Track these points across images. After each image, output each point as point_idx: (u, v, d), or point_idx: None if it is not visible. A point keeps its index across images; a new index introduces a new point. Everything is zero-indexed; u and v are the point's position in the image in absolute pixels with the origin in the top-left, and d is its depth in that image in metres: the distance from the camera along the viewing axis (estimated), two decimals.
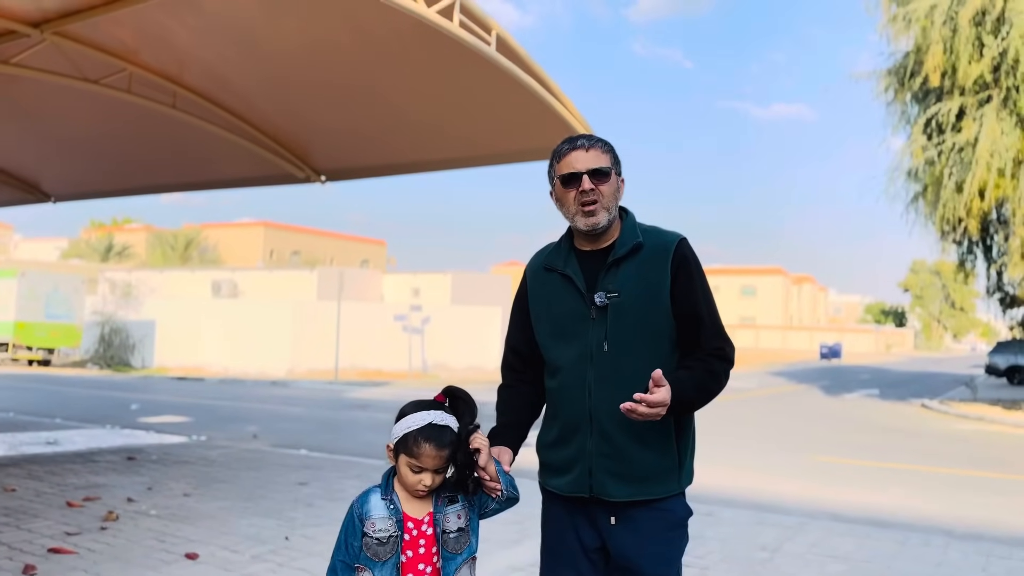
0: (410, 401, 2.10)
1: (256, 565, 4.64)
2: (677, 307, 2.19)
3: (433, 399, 2.07)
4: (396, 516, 2.02)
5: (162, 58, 8.14)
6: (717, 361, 2.20)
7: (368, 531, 2.01)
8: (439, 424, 1.99)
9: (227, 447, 9.46)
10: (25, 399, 15.77)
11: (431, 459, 1.98)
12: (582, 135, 2.28)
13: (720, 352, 2.21)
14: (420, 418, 2.00)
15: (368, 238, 74.56)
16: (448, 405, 2.07)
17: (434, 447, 1.98)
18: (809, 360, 56.18)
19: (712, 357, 2.19)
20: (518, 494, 2.12)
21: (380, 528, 2.00)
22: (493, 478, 2.04)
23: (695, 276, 2.23)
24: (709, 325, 2.22)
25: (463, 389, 2.09)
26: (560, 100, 7.43)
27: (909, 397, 22.92)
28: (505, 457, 2.18)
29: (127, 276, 33.96)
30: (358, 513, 2.04)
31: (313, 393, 20.61)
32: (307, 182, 10.39)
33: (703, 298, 2.23)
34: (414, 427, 1.99)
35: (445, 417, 2.02)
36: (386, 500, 2.04)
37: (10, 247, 77.93)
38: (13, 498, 6.20)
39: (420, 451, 1.98)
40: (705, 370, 2.17)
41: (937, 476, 9.49)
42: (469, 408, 2.05)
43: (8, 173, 12.35)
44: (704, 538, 5.47)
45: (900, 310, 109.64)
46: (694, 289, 2.21)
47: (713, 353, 2.20)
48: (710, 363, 2.18)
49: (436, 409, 2.04)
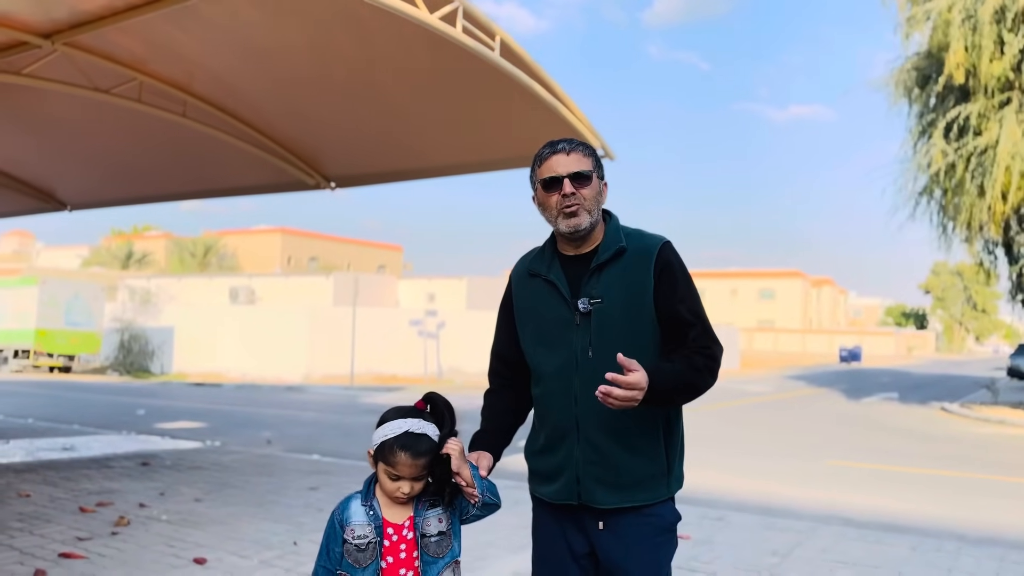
0: (391, 408, 2.08)
1: (264, 570, 4.66)
2: (661, 310, 2.16)
3: (413, 406, 2.06)
4: (375, 522, 2.01)
5: (171, 67, 8.22)
6: (700, 357, 2.14)
7: (348, 537, 2.00)
8: (416, 432, 1.98)
9: (241, 452, 9.52)
10: (44, 405, 15.94)
11: (407, 467, 1.97)
12: (563, 139, 2.25)
13: (705, 349, 2.16)
14: (397, 426, 1.99)
15: (384, 244, 74.90)
16: (429, 411, 2.05)
17: (410, 456, 1.96)
18: (828, 363, 55.75)
19: (695, 353, 2.15)
20: (498, 500, 2.10)
21: (359, 535, 1.99)
22: (469, 483, 2.02)
23: (678, 278, 2.20)
24: (695, 325, 2.18)
25: (443, 396, 2.07)
26: (566, 104, 7.44)
27: (929, 400, 22.68)
28: (484, 462, 2.16)
29: (146, 283, 34.34)
30: (338, 519, 2.04)
31: (328, 398, 20.70)
32: (317, 188, 10.45)
33: (688, 300, 2.19)
34: (391, 435, 1.98)
35: (423, 425, 2.00)
36: (366, 506, 2.03)
37: (32, 255, 78.95)
38: (28, 503, 6.27)
39: (396, 459, 1.97)
40: (686, 364, 2.12)
41: (952, 480, 9.38)
42: (449, 415, 2.04)
43: (23, 182, 12.51)
44: (714, 543, 5.44)
45: (921, 312, 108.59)
46: (677, 291, 2.18)
47: (697, 350, 2.15)
48: (692, 358, 2.13)
49: (415, 417, 2.02)
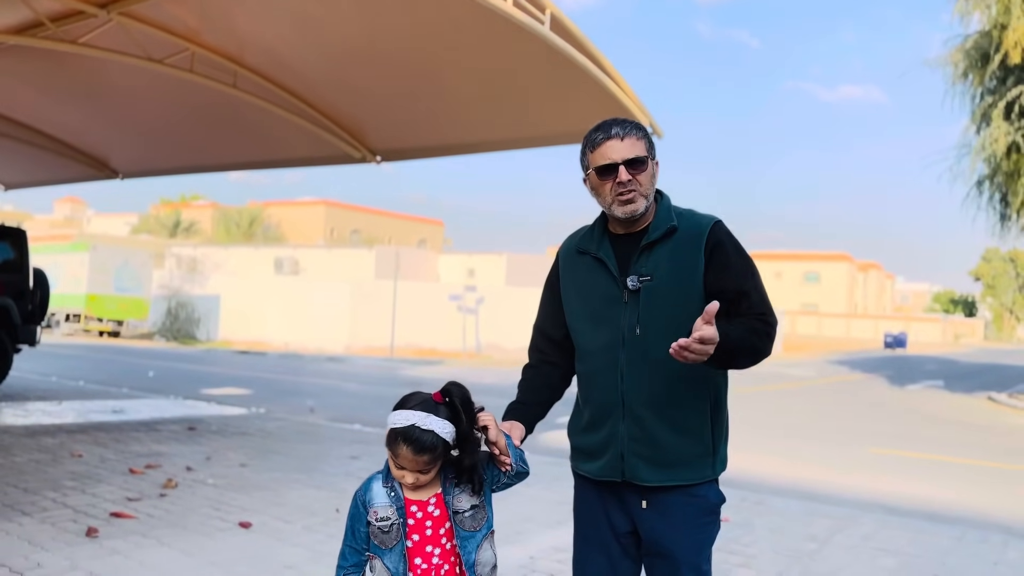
0: (409, 392, 2.04)
1: (307, 535, 4.75)
2: (715, 285, 2.12)
3: (431, 396, 1.99)
4: (398, 503, 1.99)
5: (223, 39, 8.30)
6: (759, 323, 2.11)
7: (371, 519, 2.00)
8: (422, 427, 1.92)
9: (284, 420, 9.70)
10: (95, 369, 16.39)
11: (408, 461, 1.93)
12: (615, 121, 2.20)
13: (763, 316, 2.13)
14: (404, 417, 1.93)
15: (426, 218, 75.31)
16: (447, 403, 1.97)
17: (411, 450, 1.91)
18: (873, 349, 54.80)
19: (754, 319, 2.12)
20: (528, 468, 2.10)
21: (382, 516, 1.98)
22: (503, 452, 2.02)
23: (731, 255, 2.16)
24: (750, 295, 2.14)
25: (463, 389, 1.99)
26: (615, 80, 7.35)
27: (976, 389, 22.18)
28: (516, 432, 2.16)
29: (193, 252, 34.99)
30: (361, 500, 2.03)
31: (369, 369, 20.96)
32: (363, 162, 10.51)
33: (743, 272, 2.16)
34: (397, 425, 1.94)
35: (431, 421, 1.93)
36: (387, 487, 2.01)
37: (83, 221, 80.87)
38: (80, 463, 6.48)
39: (398, 450, 1.94)
40: (748, 327, 2.09)
41: (999, 472, 9.18)
42: (466, 413, 1.96)
43: (78, 150, 12.78)
44: (753, 526, 5.41)
45: (970, 299, 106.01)
46: (730, 266, 2.14)
47: (756, 316, 2.12)
48: (752, 323, 2.10)
49: (428, 410, 1.95)
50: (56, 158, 12.91)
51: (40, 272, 11.36)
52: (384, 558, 1.99)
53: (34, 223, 60.49)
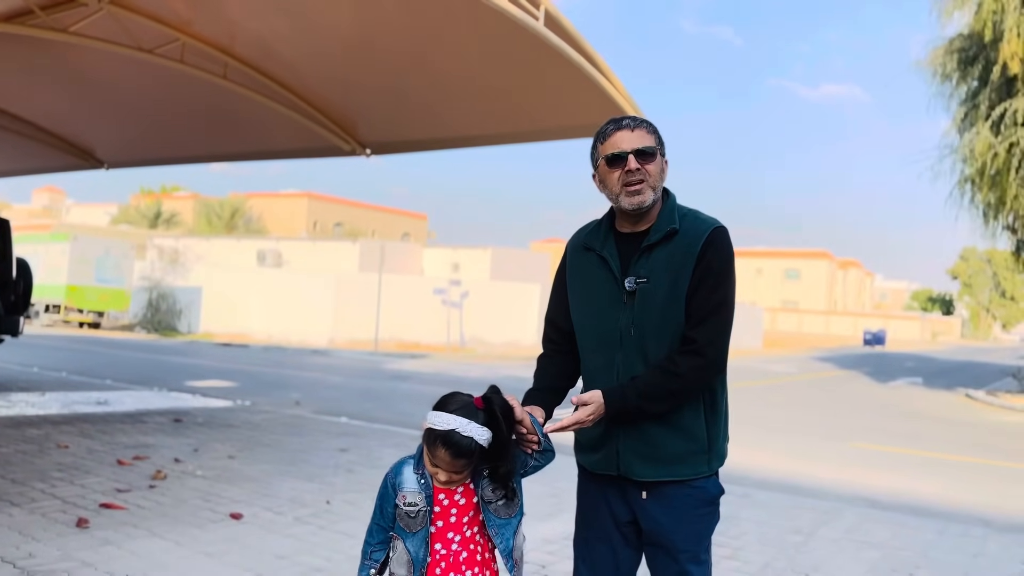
0: (452, 392, 2.07)
1: (299, 527, 4.77)
2: (688, 297, 2.14)
3: (472, 401, 2.02)
4: (427, 491, 2.04)
5: (214, 29, 8.26)
6: (689, 357, 2.11)
7: (399, 503, 2.05)
8: (462, 433, 1.96)
9: (270, 412, 9.68)
10: (77, 360, 16.26)
11: (445, 463, 1.98)
12: (627, 115, 2.27)
13: (697, 347, 2.12)
14: (445, 421, 1.97)
15: (409, 211, 75.10)
16: (484, 409, 2.01)
17: (450, 454, 1.97)
18: (853, 346, 55.33)
19: (685, 354, 2.12)
20: (553, 447, 2.16)
21: (411, 501, 2.03)
22: (530, 430, 2.08)
23: (714, 267, 2.15)
24: (705, 318, 2.14)
25: (504, 399, 2.03)
26: (608, 78, 7.39)
27: (954, 386, 22.48)
28: (537, 413, 2.21)
29: (175, 243, 34.67)
30: (392, 482, 2.08)
31: (353, 363, 20.91)
32: (352, 155, 10.49)
33: (713, 289, 2.15)
34: (437, 427, 1.98)
35: (472, 428, 1.97)
36: (418, 474, 2.06)
37: (62, 211, 79.91)
38: (67, 455, 6.44)
39: (436, 452, 1.99)
40: (660, 374, 2.11)
41: (978, 467, 9.34)
42: (507, 422, 2.01)
43: (64, 139, 12.66)
44: (738, 519, 5.48)
45: (948, 298, 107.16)
46: (707, 279, 2.14)
47: (688, 351, 2.12)
48: (671, 366, 2.11)
49: (468, 416, 1.98)
50: (41, 147, 12.78)
51: (23, 262, 11.23)
52: (406, 541, 2.04)
53: (12, 212, 59.66)
